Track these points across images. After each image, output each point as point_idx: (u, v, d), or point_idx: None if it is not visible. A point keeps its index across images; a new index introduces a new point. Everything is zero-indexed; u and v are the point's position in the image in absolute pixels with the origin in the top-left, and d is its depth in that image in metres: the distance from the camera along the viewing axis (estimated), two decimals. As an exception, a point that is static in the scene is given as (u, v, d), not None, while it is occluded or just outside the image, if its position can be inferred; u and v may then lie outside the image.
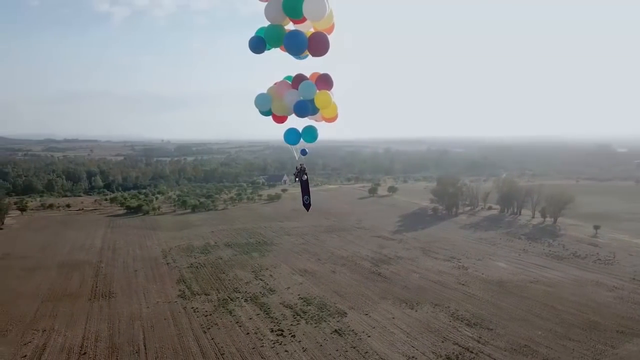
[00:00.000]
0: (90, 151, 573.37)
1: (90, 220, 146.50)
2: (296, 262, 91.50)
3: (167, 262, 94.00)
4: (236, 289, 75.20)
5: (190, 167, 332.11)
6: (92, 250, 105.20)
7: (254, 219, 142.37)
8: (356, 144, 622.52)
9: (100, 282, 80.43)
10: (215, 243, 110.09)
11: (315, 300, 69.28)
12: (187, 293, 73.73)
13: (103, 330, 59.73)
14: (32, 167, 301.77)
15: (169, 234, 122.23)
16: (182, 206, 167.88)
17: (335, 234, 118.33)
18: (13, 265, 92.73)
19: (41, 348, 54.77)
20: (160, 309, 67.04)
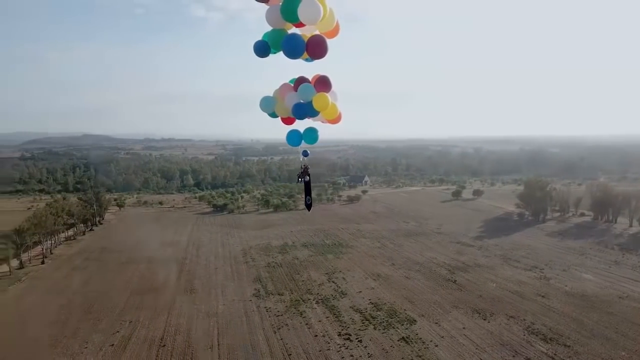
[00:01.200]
0: (184, 150, 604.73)
1: (179, 217, 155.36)
2: (370, 266, 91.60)
3: (246, 260, 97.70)
4: (309, 291, 76.76)
5: (276, 167, 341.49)
6: (178, 246, 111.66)
7: (332, 220, 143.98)
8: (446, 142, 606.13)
9: (184, 278, 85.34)
10: (292, 243, 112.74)
11: (386, 306, 69.13)
12: (261, 292, 76.35)
13: (182, 324, 63.49)
14: (131, 166, 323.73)
15: (250, 233, 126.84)
16: (265, 205, 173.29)
17: (413, 239, 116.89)
18: (109, 258, 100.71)
19: (127, 338, 59.30)
20: (235, 306, 70.01)
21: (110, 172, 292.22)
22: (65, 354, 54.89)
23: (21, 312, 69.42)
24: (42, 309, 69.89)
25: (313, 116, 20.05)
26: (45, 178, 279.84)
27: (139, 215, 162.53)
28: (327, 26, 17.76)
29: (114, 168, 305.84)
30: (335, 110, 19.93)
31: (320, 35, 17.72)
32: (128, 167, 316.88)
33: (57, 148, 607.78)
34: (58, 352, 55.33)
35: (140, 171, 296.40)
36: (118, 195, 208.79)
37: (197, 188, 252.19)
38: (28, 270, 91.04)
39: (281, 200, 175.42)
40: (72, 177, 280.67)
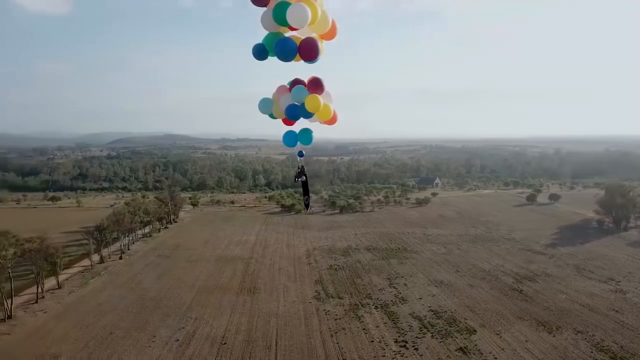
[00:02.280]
0: (258, 150, 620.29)
1: (249, 217, 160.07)
2: (433, 272, 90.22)
3: (309, 262, 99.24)
4: (369, 295, 76.88)
5: (345, 167, 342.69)
6: (246, 246, 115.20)
7: (398, 224, 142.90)
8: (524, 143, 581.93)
9: (248, 278, 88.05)
10: (356, 246, 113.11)
11: (446, 314, 67.98)
12: (322, 295, 77.39)
13: (243, 323, 65.69)
14: (207, 165, 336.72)
15: (315, 234, 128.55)
16: (331, 206, 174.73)
17: (480, 245, 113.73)
18: (180, 256, 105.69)
19: (191, 334, 62.20)
20: (295, 308, 71.46)
21: (187, 171, 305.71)
22: (135, 346, 58.44)
23: (99, 304, 74.37)
24: (117, 302, 74.60)
25: (307, 117, 20.30)
26: (128, 176, 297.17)
27: (211, 213, 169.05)
28: (321, 29, 17.96)
29: (190, 167, 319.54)
30: (329, 112, 19.97)
31: (312, 38, 17.93)
32: (204, 166, 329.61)
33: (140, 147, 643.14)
34: (128, 344, 59.00)
35: (215, 171, 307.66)
36: (193, 194, 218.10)
37: (268, 188, 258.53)
38: (107, 265, 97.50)
39: (347, 202, 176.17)
40: (152, 176, 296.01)
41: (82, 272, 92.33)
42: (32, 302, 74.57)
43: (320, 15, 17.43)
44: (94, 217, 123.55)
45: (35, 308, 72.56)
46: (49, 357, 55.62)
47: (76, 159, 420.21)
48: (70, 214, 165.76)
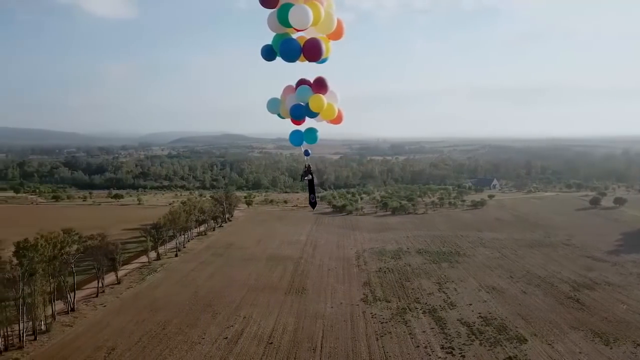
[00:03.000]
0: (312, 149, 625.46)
1: (300, 217, 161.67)
2: (485, 278, 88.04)
3: (358, 264, 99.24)
4: (417, 299, 76.05)
5: (399, 168, 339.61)
6: (296, 245, 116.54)
7: (451, 226, 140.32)
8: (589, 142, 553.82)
9: (297, 278, 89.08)
10: (407, 249, 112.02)
11: (496, 321, 66.26)
12: (369, 297, 77.24)
13: (290, 324, 66.58)
14: (262, 164, 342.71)
15: (366, 236, 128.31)
16: (383, 208, 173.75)
17: (537, 250, 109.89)
18: (233, 254, 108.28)
19: (239, 333, 63.70)
20: (342, 310, 71.72)
21: (243, 171, 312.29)
22: (186, 342, 60.47)
23: (154, 300, 77.42)
24: (171, 299, 77.39)
25: (311, 117, 20.43)
26: (187, 175, 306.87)
27: (265, 213, 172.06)
28: (326, 29, 18.11)
29: (246, 167, 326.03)
30: (333, 111, 20.10)
31: (315, 39, 18.11)
32: (259, 165, 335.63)
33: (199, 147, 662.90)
34: (179, 340, 61.14)
35: (269, 170, 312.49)
36: (248, 193, 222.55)
37: (320, 188, 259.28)
38: (163, 262, 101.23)
39: (400, 203, 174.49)
40: (210, 175, 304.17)
41: (140, 269, 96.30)
42: (93, 296, 78.57)
43: (324, 16, 17.60)
44: (153, 215, 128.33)
45: (95, 302, 76.42)
46: (106, 349, 58.45)
47: (139, 158, 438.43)
48: (131, 211, 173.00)
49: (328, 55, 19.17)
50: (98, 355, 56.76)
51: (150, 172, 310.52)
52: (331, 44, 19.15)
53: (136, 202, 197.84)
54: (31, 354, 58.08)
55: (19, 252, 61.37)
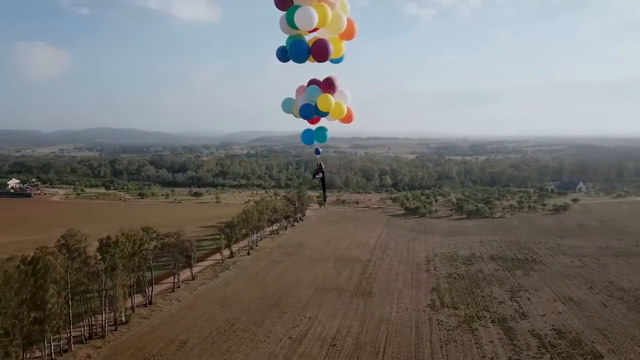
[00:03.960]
0: (388, 149, 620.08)
1: (371, 218, 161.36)
2: (562, 288, 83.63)
3: (428, 268, 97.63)
4: (486, 308, 73.75)
5: (478, 168, 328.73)
6: (366, 248, 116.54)
7: (529, 232, 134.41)
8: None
9: (365, 281, 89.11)
10: (480, 254, 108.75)
11: (570, 335, 62.89)
12: (437, 304, 75.87)
13: (354, 327, 66.85)
14: (336, 164, 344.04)
15: (437, 240, 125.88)
16: (458, 211, 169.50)
17: (623, 259, 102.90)
18: (303, 254, 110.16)
19: (304, 333, 64.83)
20: (407, 315, 71.00)
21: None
22: (252, 340, 62.45)
23: (225, 296, 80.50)
24: (241, 297, 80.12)
25: (321, 116, 20.57)
26: (264, 174, 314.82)
27: (336, 213, 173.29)
28: (335, 30, 18.22)
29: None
30: (342, 110, 20.16)
31: (322, 40, 18.21)
32: (333, 165, 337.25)
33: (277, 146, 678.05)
34: (246, 337, 63.23)
35: (342, 170, 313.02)
36: (320, 193, 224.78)
37: (394, 188, 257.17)
38: (236, 260, 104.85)
39: (476, 206, 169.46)
40: (285, 174, 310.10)
41: (213, 266, 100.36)
42: (170, 291, 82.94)
43: (333, 16, 17.76)
44: (229, 213, 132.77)
45: (171, 296, 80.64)
46: (178, 342, 61.63)
47: (219, 156, 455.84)
48: (209, 209, 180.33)
49: (341, 55, 19.42)
50: (170, 348, 59.95)
51: (229, 171, 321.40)
52: (344, 43, 19.41)
53: (214, 200, 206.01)
54: (112, 343, 62.39)
55: (102, 248, 66.04)
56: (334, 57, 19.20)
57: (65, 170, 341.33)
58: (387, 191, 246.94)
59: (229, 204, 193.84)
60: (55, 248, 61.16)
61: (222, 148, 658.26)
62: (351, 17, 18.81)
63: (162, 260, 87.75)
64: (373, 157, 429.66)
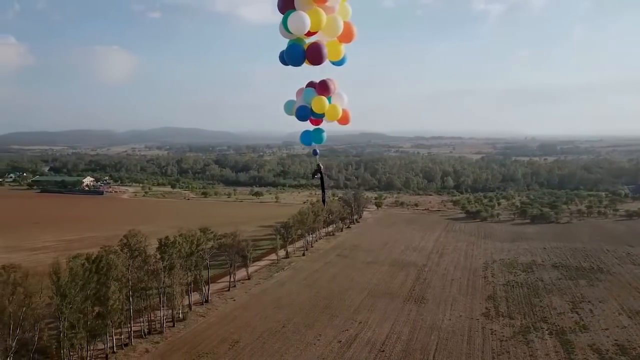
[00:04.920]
0: (452, 149, 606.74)
1: (430, 221, 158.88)
2: (629, 300, 79.09)
3: (485, 275, 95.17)
4: (544, 319, 71.04)
5: (546, 170, 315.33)
6: (422, 252, 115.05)
7: (597, 239, 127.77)
8: None
9: (418, 286, 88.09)
10: (542, 261, 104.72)
11: (635, 351, 59.53)
12: (491, 312, 73.92)
13: (404, 333, 66.34)
14: (396, 165, 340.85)
15: (497, 245, 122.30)
16: (521, 215, 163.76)
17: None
18: (357, 257, 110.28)
19: (353, 337, 65.05)
20: (460, 323, 69.62)
21: (376, 171, 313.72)
22: (301, 342, 63.37)
23: (278, 297, 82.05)
24: (294, 298, 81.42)
25: (316, 118, 20.79)
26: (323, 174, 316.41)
27: (394, 215, 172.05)
28: (332, 33, 18.48)
29: (380, 167, 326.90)
30: (336, 112, 20.38)
31: (315, 44, 18.48)
32: (393, 166, 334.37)
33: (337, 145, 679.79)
34: (296, 339, 64.22)
35: (403, 171, 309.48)
36: (379, 194, 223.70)
37: (455, 190, 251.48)
38: (291, 261, 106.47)
39: (541, 210, 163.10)
40: (344, 174, 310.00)
41: (269, 266, 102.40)
42: (226, 290, 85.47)
43: (329, 20, 18.01)
44: (287, 213, 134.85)
45: (227, 295, 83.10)
46: (230, 341, 63.53)
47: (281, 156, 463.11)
48: (268, 209, 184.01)
49: (340, 58, 19.66)
50: (223, 347, 61.90)
51: (290, 171, 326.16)
52: (345, 46, 19.71)
53: (274, 200, 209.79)
54: (169, 339, 65.18)
55: (161, 248, 69.14)
56: (334, 60, 19.62)
57: (136, 168, 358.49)
58: (449, 193, 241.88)
59: (288, 204, 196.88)
60: (117, 247, 64.59)
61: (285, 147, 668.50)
62: (350, 21, 19.12)
63: (219, 259, 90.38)
64: (436, 158, 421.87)
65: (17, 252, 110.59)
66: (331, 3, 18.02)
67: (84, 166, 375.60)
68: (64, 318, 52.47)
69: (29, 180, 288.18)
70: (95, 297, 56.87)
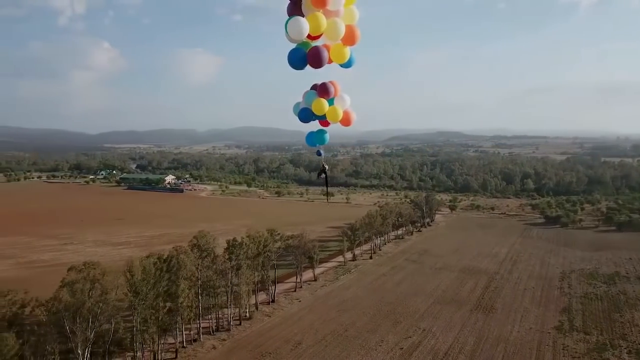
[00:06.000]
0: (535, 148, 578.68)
1: (506, 227, 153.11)
2: None
3: (561, 286, 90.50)
4: (624, 336, 66.55)
5: (637, 173, 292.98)
6: (495, 259, 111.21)
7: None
8: None
9: (488, 295, 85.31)
10: (626, 273, 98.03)
11: None
12: (565, 326, 70.23)
13: (469, 343, 64.56)
14: (474, 165, 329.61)
15: (577, 254, 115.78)
16: (607, 222, 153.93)
17: None
18: (426, 262, 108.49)
19: (415, 345, 64.22)
20: (529, 336, 66.74)
21: (452, 172, 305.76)
22: (363, 347, 63.40)
23: (343, 300, 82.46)
24: (358, 302, 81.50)
25: (319, 119, 21.19)
26: (396, 174, 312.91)
27: (468, 219, 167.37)
28: (334, 37, 18.60)
29: (457, 168, 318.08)
30: (336, 114, 20.79)
31: (316, 48, 18.69)
32: (470, 167, 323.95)
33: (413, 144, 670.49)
34: (358, 344, 64.33)
35: (481, 172, 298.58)
36: (453, 196, 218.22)
37: (536, 194, 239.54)
38: (358, 263, 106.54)
39: (629, 217, 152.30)
40: (418, 175, 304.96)
41: (336, 268, 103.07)
42: (292, 291, 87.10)
43: (328, 24, 18.17)
44: (356, 214, 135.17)
45: (293, 296, 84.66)
46: (293, 342, 64.76)
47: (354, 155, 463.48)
48: (339, 209, 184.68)
49: (345, 61, 19.72)
50: (285, 348, 63.21)
51: (362, 171, 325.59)
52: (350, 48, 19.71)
53: (344, 201, 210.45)
54: (235, 337, 67.49)
55: (229, 248, 71.69)
56: (340, 63, 19.78)
57: (215, 166, 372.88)
58: (529, 196, 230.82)
59: (358, 204, 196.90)
60: (188, 247, 67.71)
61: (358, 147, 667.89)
62: (354, 25, 19.28)
63: (288, 259, 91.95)
64: (516, 158, 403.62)
65: (104, 246, 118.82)
66: (332, 7, 18.24)
67: (167, 164, 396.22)
68: (137, 313, 55.89)
69: (117, 178, 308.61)
70: (167, 294, 59.94)
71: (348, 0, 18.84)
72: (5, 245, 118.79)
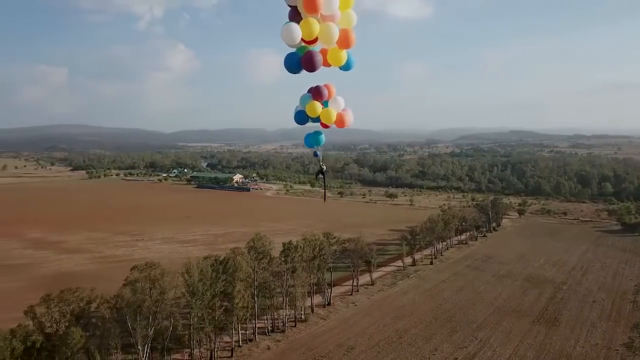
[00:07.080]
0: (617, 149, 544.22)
1: (578, 233, 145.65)
2: None
3: (635, 299, 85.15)
4: (702, 359, 61.72)
5: None
6: (562, 268, 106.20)
7: None
8: None
9: (552, 306, 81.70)
10: None
11: None
12: (636, 344, 66.05)
13: (528, 357, 62.23)
14: (547, 167, 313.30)
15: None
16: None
17: None
18: (488, 269, 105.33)
19: (471, 356, 62.74)
20: (594, 352, 63.44)
21: (524, 174, 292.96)
22: (416, 354, 62.74)
23: (399, 306, 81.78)
24: (415, 308, 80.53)
25: (314, 122, 21.79)
26: (464, 176, 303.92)
27: (536, 225, 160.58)
28: (328, 41, 19.12)
29: (529, 169, 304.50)
30: (330, 116, 21.36)
31: (310, 52, 19.14)
32: (544, 168, 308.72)
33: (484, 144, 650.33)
34: (411, 351, 63.72)
35: (554, 174, 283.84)
36: (523, 200, 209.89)
37: (614, 198, 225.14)
38: (417, 269, 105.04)
39: None
40: (487, 177, 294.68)
41: (394, 272, 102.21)
42: (348, 294, 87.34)
43: (322, 29, 18.58)
44: (420, 217, 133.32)
45: (349, 300, 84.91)
46: (346, 347, 65.09)
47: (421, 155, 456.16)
48: (401, 212, 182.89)
49: (342, 64, 20.07)
50: (338, 352, 63.69)
51: (429, 172, 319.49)
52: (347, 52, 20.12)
53: (408, 203, 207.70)
54: (290, 339, 68.76)
55: (285, 251, 73.10)
56: (338, 65, 20.15)
57: (281, 166, 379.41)
58: (606, 201, 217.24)
59: (422, 207, 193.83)
60: (245, 249, 69.68)
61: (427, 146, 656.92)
62: (349, 28, 19.63)
63: (346, 262, 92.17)
64: (595, 159, 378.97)
65: (171, 244, 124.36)
66: (326, 12, 18.65)
67: (236, 162, 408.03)
68: (194, 312, 58.30)
69: (188, 176, 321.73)
70: (223, 294, 62.04)
71: (344, 5, 19.22)
72: (87, 240, 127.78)
